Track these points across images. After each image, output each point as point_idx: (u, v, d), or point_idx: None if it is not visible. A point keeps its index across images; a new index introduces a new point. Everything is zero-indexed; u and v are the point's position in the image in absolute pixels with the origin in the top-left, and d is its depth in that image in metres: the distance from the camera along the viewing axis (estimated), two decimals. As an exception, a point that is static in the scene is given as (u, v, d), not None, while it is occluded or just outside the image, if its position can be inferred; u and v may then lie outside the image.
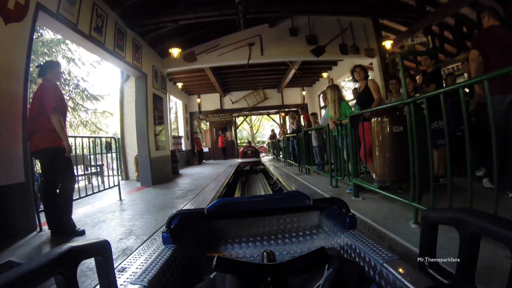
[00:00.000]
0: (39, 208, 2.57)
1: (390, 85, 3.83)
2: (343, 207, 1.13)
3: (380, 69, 6.51)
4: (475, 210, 0.63)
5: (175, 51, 5.69)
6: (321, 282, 0.77)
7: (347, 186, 3.36)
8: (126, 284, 0.78)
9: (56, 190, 2.37)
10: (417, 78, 4.23)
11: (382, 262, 0.79)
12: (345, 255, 1.03)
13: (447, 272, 0.72)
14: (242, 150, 9.85)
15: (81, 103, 12.78)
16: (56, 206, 2.34)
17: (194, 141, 11.93)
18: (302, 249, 1.28)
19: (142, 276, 0.80)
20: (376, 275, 0.81)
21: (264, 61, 7.23)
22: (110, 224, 2.70)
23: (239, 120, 18.01)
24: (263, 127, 27.27)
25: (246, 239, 1.30)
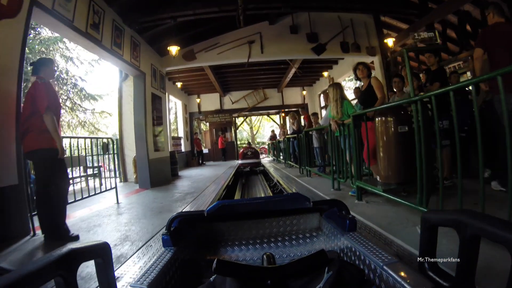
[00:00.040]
0: (33, 211, 2.49)
1: (393, 83, 3.76)
2: (343, 209, 1.12)
3: (381, 67, 6.43)
4: (475, 212, 0.63)
5: (174, 49, 5.60)
6: (321, 285, 0.77)
7: (350, 189, 3.27)
8: (126, 286, 0.78)
9: (50, 193, 2.29)
10: (420, 75, 4.15)
11: (382, 264, 0.79)
12: (345, 258, 1.04)
13: (447, 274, 0.72)
14: (242, 151, 9.85)
15: (79, 103, 12.67)
16: (49, 210, 2.27)
17: (193, 142, 11.79)
18: (302, 251, 1.28)
19: (142, 278, 0.80)
20: (376, 278, 0.81)
21: (264, 59, 7.16)
22: (106, 228, 2.64)
23: (239, 120, 17.95)
24: (263, 128, 27.20)
25: (246, 242, 1.30)
